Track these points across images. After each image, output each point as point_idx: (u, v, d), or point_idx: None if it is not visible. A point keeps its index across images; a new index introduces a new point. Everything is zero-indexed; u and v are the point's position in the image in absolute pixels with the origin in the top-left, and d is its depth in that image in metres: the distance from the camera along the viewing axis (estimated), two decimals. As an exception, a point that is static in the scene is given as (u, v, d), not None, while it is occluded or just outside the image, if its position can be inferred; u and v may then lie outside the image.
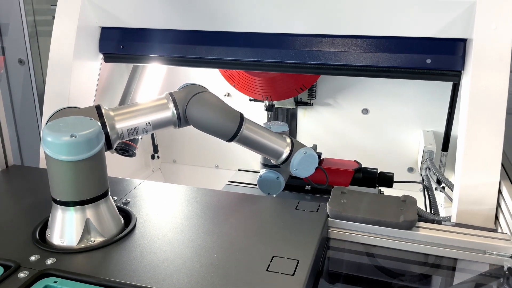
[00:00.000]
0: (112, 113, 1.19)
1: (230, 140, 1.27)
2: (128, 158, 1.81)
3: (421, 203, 1.67)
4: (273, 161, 1.37)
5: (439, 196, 1.83)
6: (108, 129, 1.16)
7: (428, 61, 1.37)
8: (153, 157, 2.30)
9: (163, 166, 2.38)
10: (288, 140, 1.34)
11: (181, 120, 1.25)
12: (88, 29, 1.62)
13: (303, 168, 1.32)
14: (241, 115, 1.28)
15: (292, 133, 2.12)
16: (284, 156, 1.32)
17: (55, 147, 0.93)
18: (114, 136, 1.18)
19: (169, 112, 1.23)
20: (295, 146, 1.33)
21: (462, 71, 1.35)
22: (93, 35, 1.64)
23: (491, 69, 1.24)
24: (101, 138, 0.99)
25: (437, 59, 1.37)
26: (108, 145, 1.17)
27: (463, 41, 1.34)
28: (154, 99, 1.25)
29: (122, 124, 1.19)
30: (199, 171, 2.32)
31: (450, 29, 1.33)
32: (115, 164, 2.00)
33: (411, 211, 1.12)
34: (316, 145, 1.70)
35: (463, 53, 1.34)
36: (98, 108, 1.18)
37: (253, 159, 2.12)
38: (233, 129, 1.24)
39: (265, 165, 1.49)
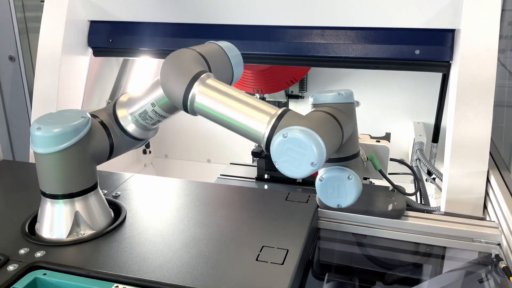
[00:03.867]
0: (125, 104, 1.09)
1: (186, 110, 0.96)
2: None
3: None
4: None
5: (430, 187, 1.85)
6: (120, 120, 1.07)
7: (417, 52, 1.38)
8: (144, 152, 2.30)
9: (155, 161, 2.38)
10: (278, 111, 0.89)
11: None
12: (76, 23, 1.61)
13: (285, 161, 0.84)
14: (198, 73, 0.93)
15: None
16: (264, 140, 0.88)
17: (35, 139, 0.94)
18: (129, 125, 1.07)
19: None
20: (282, 122, 0.87)
21: (450, 62, 1.36)
22: (81, 29, 1.63)
23: (478, 60, 1.25)
24: (81, 129, 0.96)
25: (426, 50, 1.38)
26: (134, 138, 1.09)
27: (452, 31, 1.35)
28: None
29: (132, 111, 1.07)
30: (191, 165, 2.31)
31: (438, 19, 1.33)
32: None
33: (400, 200, 1.13)
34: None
35: (452, 44, 1.35)
36: (116, 101, 1.10)
37: (245, 152, 2.12)
38: (179, 94, 0.93)
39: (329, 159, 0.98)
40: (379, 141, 1.16)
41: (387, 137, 1.22)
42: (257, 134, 0.89)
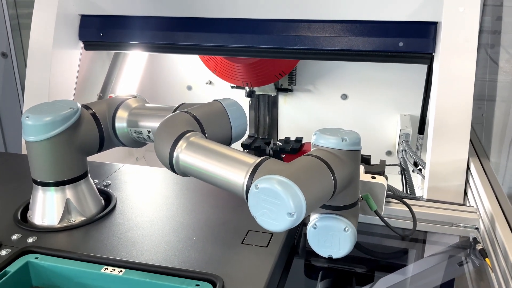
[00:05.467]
0: (127, 112, 1.11)
1: (174, 171, 0.95)
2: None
3: (399, 186, 1.72)
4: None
5: (417, 178, 1.89)
6: (117, 130, 1.10)
7: (401, 44, 1.42)
8: (136, 145, 2.32)
9: (147, 154, 2.40)
10: (256, 160, 0.85)
11: None
12: (67, 17, 1.63)
13: (263, 213, 0.79)
14: (182, 133, 0.92)
15: (274, 119, 2.15)
16: (244, 191, 0.84)
17: (26, 127, 0.97)
18: (121, 132, 1.10)
19: None
20: (258, 172, 0.82)
21: (433, 54, 1.40)
22: (72, 23, 1.65)
23: (458, 51, 1.28)
24: (69, 119, 0.99)
25: (409, 42, 1.41)
26: (121, 142, 1.13)
27: (434, 24, 1.39)
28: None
29: (130, 124, 1.10)
30: (183, 159, 2.34)
31: (421, 12, 1.37)
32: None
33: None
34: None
35: (434, 36, 1.39)
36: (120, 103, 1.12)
37: (237, 147, 2.15)
38: (165, 155, 0.92)
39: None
40: (374, 177, 1.07)
41: (381, 165, 1.16)
42: (238, 186, 0.84)
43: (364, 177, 1.06)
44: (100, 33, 1.64)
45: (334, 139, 0.87)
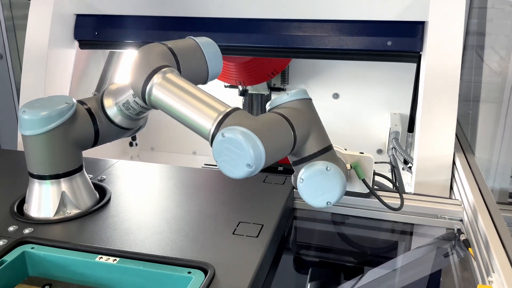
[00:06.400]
0: (111, 94, 1.13)
1: (145, 102, 0.99)
2: (106, 145, 1.85)
3: (389, 183, 1.75)
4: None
5: (407, 176, 1.92)
6: (106, 108, 1.11)
7: (389, 43, 1.45)
8: (131, 144, 2.34)
9: (142, 153, 2.43)
10: (226, 109, 0.91)
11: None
12: (63, 17, 1.66)
13: (224, 160, 0.87)
14: (159, 67, 0.96)
15: (266, 118, 2.18)
16: (210, 136, 0.90)
17: (22, 122, 1.00)
18: (113, 114, 1.11)
19: None
20: (227, 121, 0.88)
21: (421, 53, 1.44)
22: (68, 23, 1.68)
23: (445, 49, 1.32)
24: (65, 113, 1.01)
25: (397, 41, 1.45)
26: (118, 126, 1.12)
27: (421, 23, 1.43)
28: None
29: (117, 101, 1.11)
30: (177, 157, 2.37)
31: (408, 12, 1.41)
32: (93, 151, 2.04)
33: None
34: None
35: (422, 35, 1.43)
36: (103, 94, 1.14)
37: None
38: (139, 85, 0.97)
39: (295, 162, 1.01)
40: (362, 153, 1.14)
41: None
42: (204, 130, 0.91)
43: (352, 152, 1.13)
44: (95, 32, 1.67)
45: (283, 96, 0.99)
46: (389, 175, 1.86)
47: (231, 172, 0.87)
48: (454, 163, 1.31)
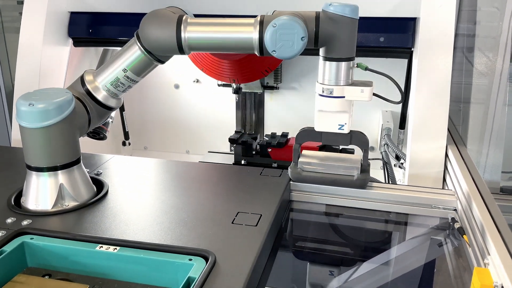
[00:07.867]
0: (92, 77, 1.20)
1: (182, 52, 1.14)
2: (99, 144, 1.85)
3: (382, 179, 1.77)
4: (256, 53, 1.12)
5: (398, 173, 1.95)
6: (92, 92, 1.18)
7: (381, 39, 1.48)
8: (124, 143, 2.33)
9: (134, 153, 2.42)
10: (257, 18, 1.09)
11: (146, 50, 1.17)
12: (57, 14, 1.65)
13: (281, 46, 1.05)
14: (180, 17, 1.12)
15: (260, 116, 2.20)
16: (256, 42, 1.08)
17: (23, 114, 0.99)
18: (101, 95, 1.18)
19: (136, 48, 1.18)
20: (265, 21, 1.08)
21: (412, 49, 1.46)
22: (62, 20, 1.68)
23: (436, 45, 1.35)
24: (68, 105, 1.02)
25: (390, 37, 1.48)
26: (107, 107, 1.21)
27: (413, 20, 1.45)
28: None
29: (103, 82, 1.19)
30: (170, 157, 2.37)
31: (400, 8, 1.44)
32: (86, 150, 2.03)
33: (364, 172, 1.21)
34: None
35: (413, 31, 1.45)
36: (82, 77, 1.21)
37: (223, 143, 2.19)
38: (171, 40, 1.11)
39: None
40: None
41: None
42: (249, 40, 1.08)
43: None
44: (89, 29, 1.67)
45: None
46: (381, 172, 1.89)
47: (291, 50, 1.05)
48: (446, 155, 1.33)
